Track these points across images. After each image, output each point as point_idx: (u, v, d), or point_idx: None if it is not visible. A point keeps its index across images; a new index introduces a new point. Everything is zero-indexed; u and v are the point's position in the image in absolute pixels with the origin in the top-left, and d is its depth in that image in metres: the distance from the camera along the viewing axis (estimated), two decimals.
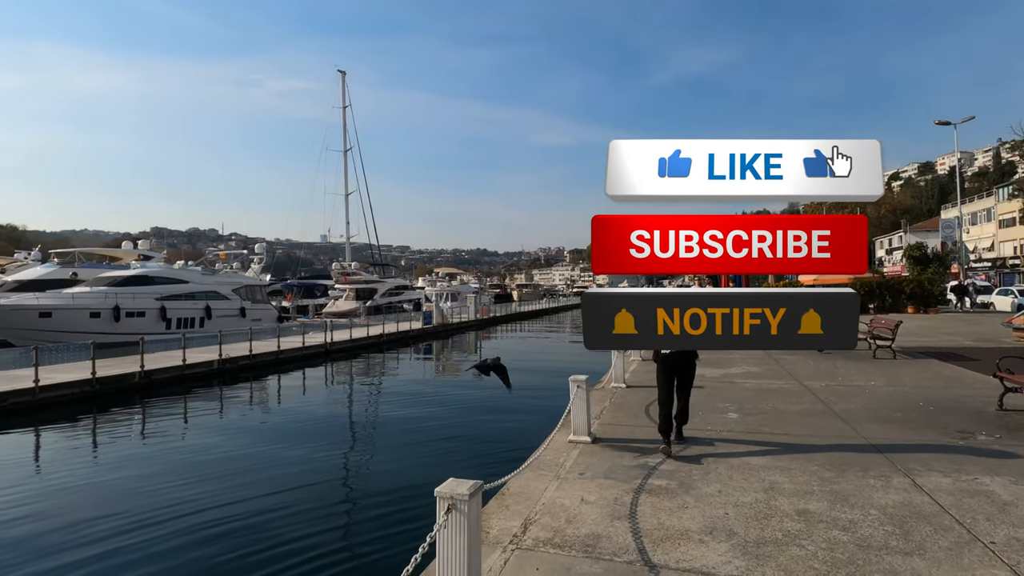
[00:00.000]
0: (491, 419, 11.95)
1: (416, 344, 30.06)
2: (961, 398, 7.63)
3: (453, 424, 11.46)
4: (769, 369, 10.44)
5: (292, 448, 9.86)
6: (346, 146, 59.58)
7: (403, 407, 13.98)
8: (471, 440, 10.13)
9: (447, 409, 13.17)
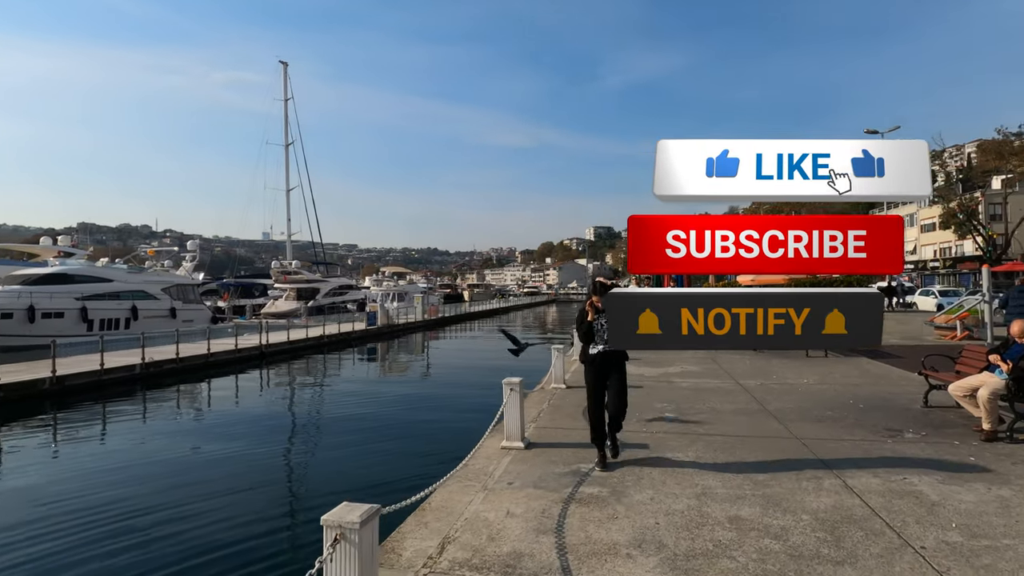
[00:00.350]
0: (428, 423, 11.51)
1: (359, 346, 29.18)
2: (889, 395, 7.79)
3: (387, 430, 10.95)
4: (707, 368, 10.48)
5: (207, 459, 9.14)
6: (288, 140, 57.44)
7: (336, 412, 13.33)
8: (403, 447, 9.65)
9: (383, 414, 12.63)
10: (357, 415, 12.64)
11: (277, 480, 8.27)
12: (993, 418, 5.44)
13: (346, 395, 15.49)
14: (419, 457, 8.81)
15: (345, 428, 11.41)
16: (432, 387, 16.91)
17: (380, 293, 47.15)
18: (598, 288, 4.78)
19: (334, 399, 15.09)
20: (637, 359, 11.78)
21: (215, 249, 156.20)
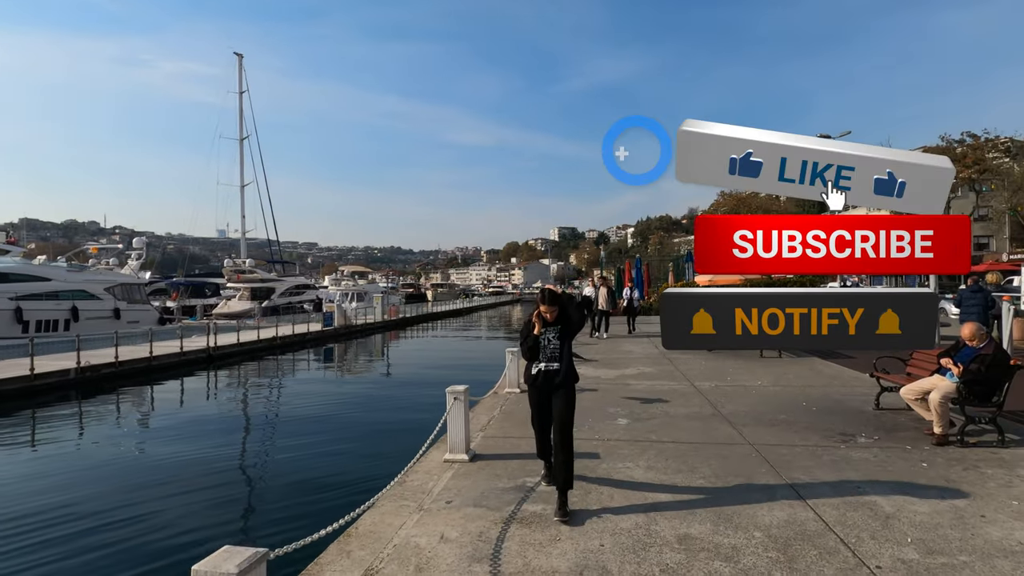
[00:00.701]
0: (378, 429, 11.02)
1: (315, 348, 28.29)
2: (841, 397, 7.76)
3: (331, 437, 10.41)
4: (663, 370, 10.35)
5: (123, 467, 8.47)
6: (243, 134, 55.54)
7: (278, 419, 12.72)
8: (346, 457, 9.13)
9: (330, 419, 12.05)
10: (301, 421, 12.07)
11: (193, 494, 7.61)
12: (944, 422, 5.38)
13: (292, 400, 14.84)
14: (362, 468, 8.34)
15: (285, 436, 10.84)
16: (386, 391, 16.38)
17: (338, 293, 46.01)
18: (547, 296, 4.17)
19: (278, 405, 14.42)
20: (595, 361, 11.59)
21: (167, 247, 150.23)
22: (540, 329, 4.19)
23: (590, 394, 8.11)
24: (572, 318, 4.19)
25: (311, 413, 12.83)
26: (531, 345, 4.22)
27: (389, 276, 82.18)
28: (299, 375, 20.41)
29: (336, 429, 11.15)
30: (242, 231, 55.34)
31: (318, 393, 15.58)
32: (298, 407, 13.85)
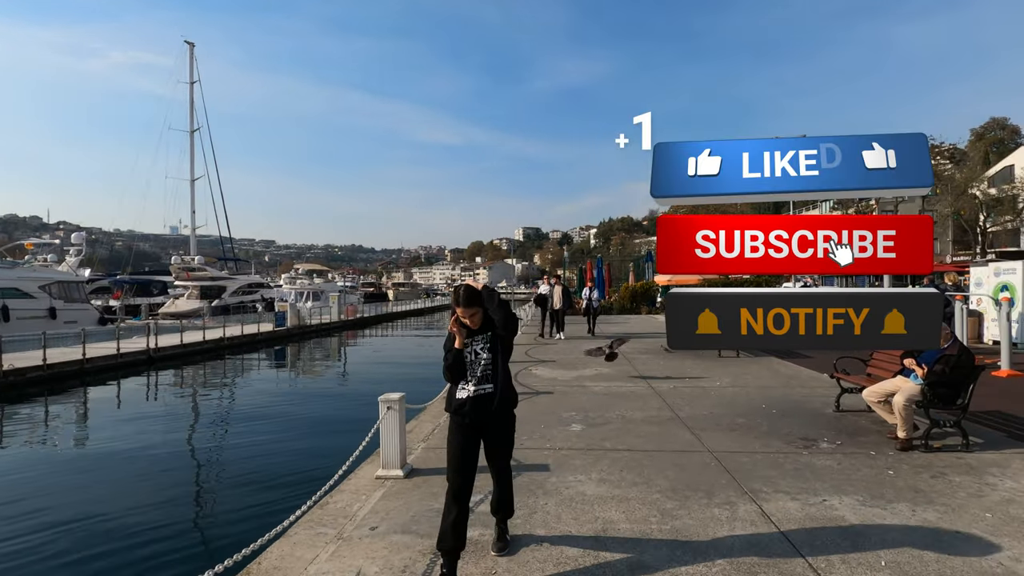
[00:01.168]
0: (315, 439, 10.27)
1: (266, 349, 27.14)
2: (801, 398, 7.54)
3: (264, 449, 9.61)
4: (621, 370, 10.00)
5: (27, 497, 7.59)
6: (193, 126, 53.35)
7: (211, 426, 11.87)
8: (276, 470, 8.32)
9: (267, 426, 11.22)
10: (236, 428, 11.26)
11: (90, 523, 6.80)
12: (908, 426, 5.13)
13: (232, 405, 13.96)
14: (290, 485, 7.63)
15: (214, 447, 10.04)
16: (336, 394, 15.60)
17: (293, 292, 44.58)
18: (463, 296, 3.11)
19: (215, 410, 13.51)
20: (552, 361, 11.17)
21: (115, 243, 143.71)
22: (463, 341, 3.21)
23: (545, 397, 7.67)
24: (504, 321, 3.19)
25: (249, 419, 12.02)
26: (452, 362, 3.21)
27: (345, 275, 79.90)
28: (245, 378, 19.37)
29: (271, 438, 10.39)
30: (192, 227, 53.17)
31: (261, 397, 14.70)
32: (236, 413, 12.99)
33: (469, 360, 3.24)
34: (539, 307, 17.63)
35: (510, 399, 3.37)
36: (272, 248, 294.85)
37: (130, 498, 7.30)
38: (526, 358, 11.65)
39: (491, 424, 3.26)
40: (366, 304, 54.54)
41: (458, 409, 3.22)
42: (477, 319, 3.18)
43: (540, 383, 8.76)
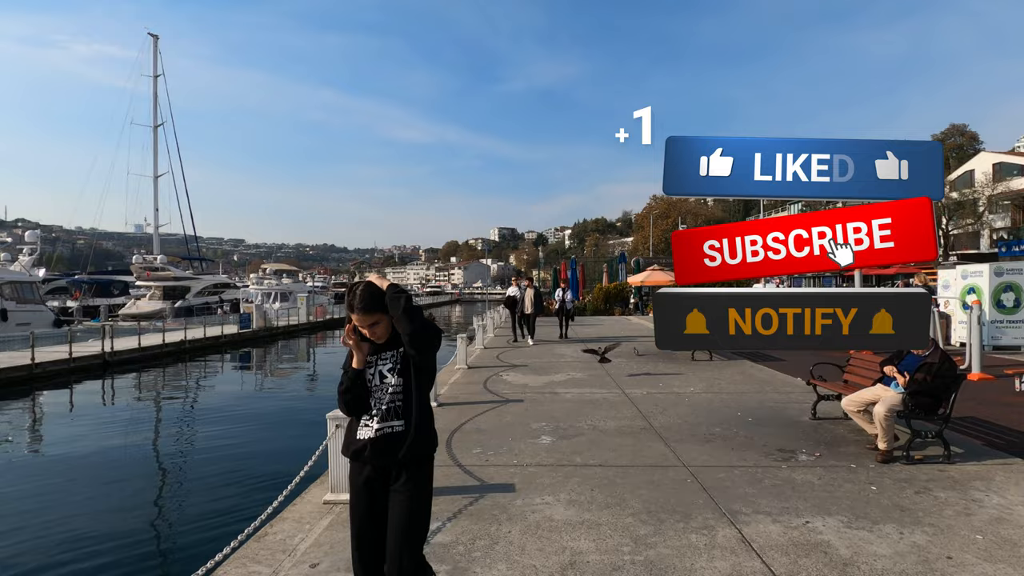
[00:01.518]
0: (270, 453, 9.70)
1: (231, 351, 26.27)
2: (776, 405, 7.34)
3: (213, 459, 9.03)
4: (594, 375, 9.72)
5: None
6: (157, 120, 51.61)
7: (164, 434, 11.21)
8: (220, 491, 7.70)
9: (215, 441, 10.54)
10: (191, 434, 10.66)
11: (29, 534, 6.19)
12: (889, 437, 4.93)
13: (188, 410, 13.29)
14: (245, 493, 7.12)
15: (168, 454, 9.44)
16: (298, 398, 15.00)
17: (260, 292, 43.38)
18: (361, 299, 2.26)
19: (170, 416, 12.82)
20: (524, 366, 10.84)
21: (77, 242, 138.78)
22: (362, 359, 2.34)
23: (515, 406, 7.31)
24: (414, 335, 2.20)
25: (204, 423, 11.40)
26: (347, 387, 2.33)
27: (312, 275, 78.10)
28: (205, 382, 18.58)
29: (226, 443, 9.82)
30: (155, 225, 51.37)
31: (220, 401, 14.05)
32: (192, 418, 12.33)
33: (372, 385, 2.35)
34: (508, 310, 16.51)
35: (426, 442, 2.36)
36: (241, 247, 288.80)
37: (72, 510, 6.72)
38: (497, 363, 11.29)
39: (398, 481, 2.31)
40: (337, 305, 53.50)
41: (357, 455, 2.33)
42: (381, 330, 2.30)
43: (511, 390, 8.41)
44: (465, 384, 8.92)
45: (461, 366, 10.43)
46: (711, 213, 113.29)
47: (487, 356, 12.40)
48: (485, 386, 8.68)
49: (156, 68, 51.63)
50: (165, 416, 13.00)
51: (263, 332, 31.21)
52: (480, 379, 9.35)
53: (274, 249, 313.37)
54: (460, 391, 8.36)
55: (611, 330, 19.21)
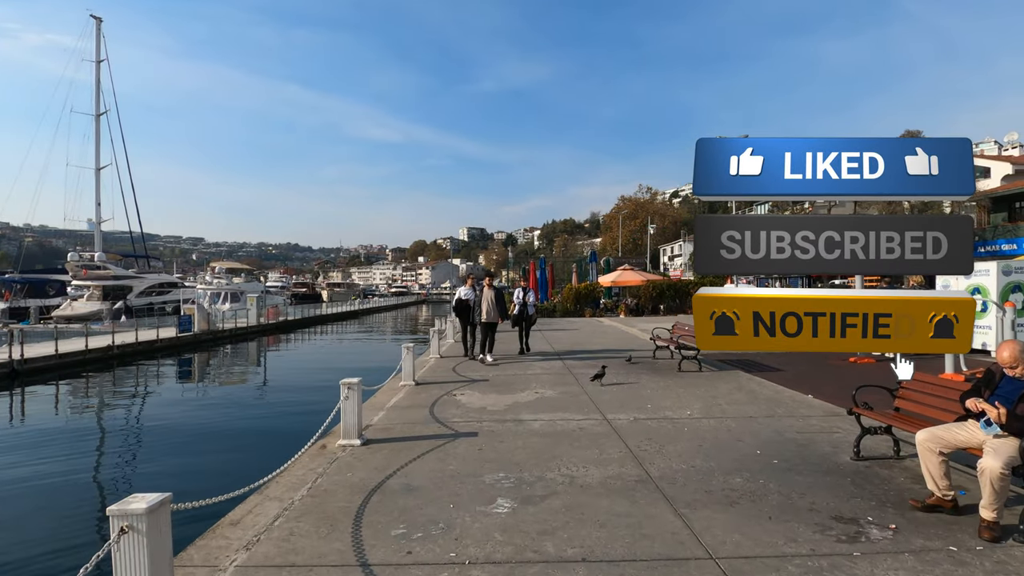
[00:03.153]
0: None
1: (171, 357, 23.84)
2: (800, 437, 5.76)
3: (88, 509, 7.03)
4: (567, 392, 8.05)
5: None
6: (99, 109, 48.09)
7: (61, 455, 9.07)
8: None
9: (111, 473, 8.58)
10: (89, 455, 8.55)
11: None
12: (1001, 503, 3.39)
13: (99, 427, 11.08)
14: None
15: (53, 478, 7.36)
16: (227, 421, 12.90)
17: (208, 293, 40.55)
18: None
19: (73, 435, 10.61)
20: (484, 381, 9.11)
21: (25, 239, 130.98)
22: None
23: (465, 443, 5.57)
24: None
25: (107, 445, 9.31)
26: None
27: (266, 273, 74.69)
28: (126, 397, 16.22)
29: (117, 468, 7.81)
30: (96, 220, 47.85)
31: (136, 417, 11.88)
32: (100, 434, 10.19)
33: None
34: (460, 318, 12.58)
35: None
36: (200, 246, 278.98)
37: None
38: (453, 377, 9.52)
39: None
40: (296, 306, 50.68)
41: None
42: None
43: (464, 416, 6.67)
44: (407, 409, 7.13)
45: (407, 383, 8.62)
46: (678, 214, 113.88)
47: (442, 368, 10.61)
48: (432, 411, 6.91)
49: (99, 53, 48.15)
50: (70, 433, 10.80)
51: (206, 336, 28.67)
52: (428, 400, 7.59)
53: (235, 248, 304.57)
54: (398, 420, 6.58)
55: (587, 338, 17.62)
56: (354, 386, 5.46)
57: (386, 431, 6.03)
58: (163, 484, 6.07)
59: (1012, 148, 52.35)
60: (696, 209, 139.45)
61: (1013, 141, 53.10)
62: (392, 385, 8.55)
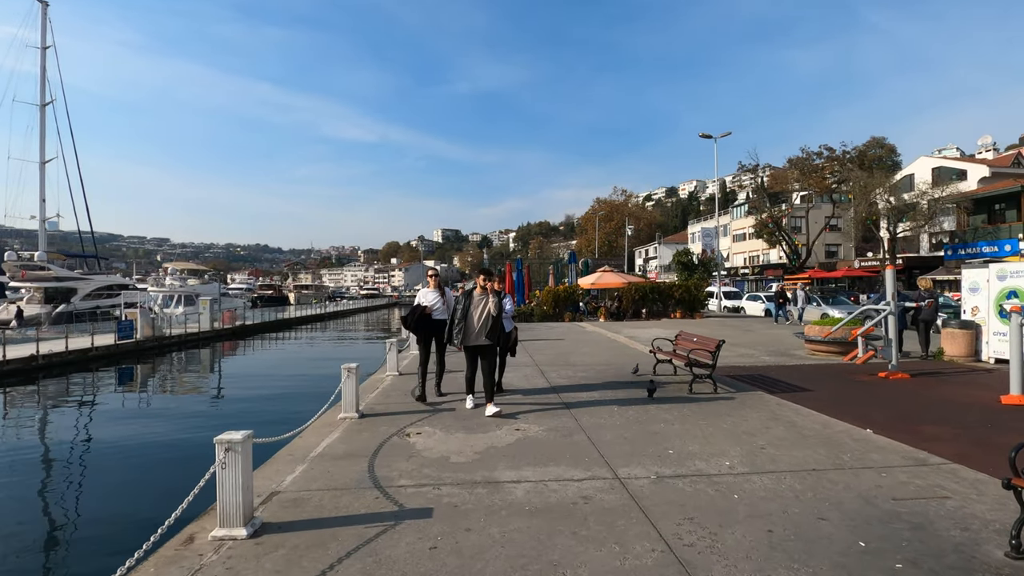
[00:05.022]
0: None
1: (102, 369, 21.26)
2: (902, 509, 3.93)
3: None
4: (559, 427, 6.17)
5: None
6: (45, 98, 44.62)
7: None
8: None
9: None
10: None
11: None
12: None
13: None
14: None
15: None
16: (147, 440, 10.66)
17: (161, 295, 37.64)
18: None
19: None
20: (450, 410, 7.14)
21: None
22: None
23: (412, 534, 3.62)
24: None
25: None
26: None
27: (226, 277, 70.97)
28: (40, 414, 13.77)
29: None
30: (40, 217, 44.25)
31: (56, 443, 9.60)
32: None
33: None
34: (416, 335, 8.09)
35: None
36: (166, 247, 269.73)
37: None
38: (409, 405, 7.53)
39: None
40: (261, 308, 47.75)
41: None
42: None
43: (415, 475, 4.72)
44: (339, 460, 5.15)
45: (348, 415, 6.63)
46: (652, 217, 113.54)
47: (397, 392, 8.58)
48: (372, 467, 4.93)
49: (45, 39, 44.68)
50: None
51: (150, 342, 26.06)
52: (371, 444, 5.62)
53: (202, 249, 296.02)
54: (321, 482, 4.60)
55: (572, 347, 15.76)
56: (237, 447, 3.47)
57: (296, 506, 4.05)
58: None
59: (986, 151, 52.54)
60: (669, 212, 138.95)
61: (987, 144, 53.33)
62: (328, 419, 6.54)
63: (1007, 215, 35.93)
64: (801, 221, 52.70)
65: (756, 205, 53.42)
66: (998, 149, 53.46)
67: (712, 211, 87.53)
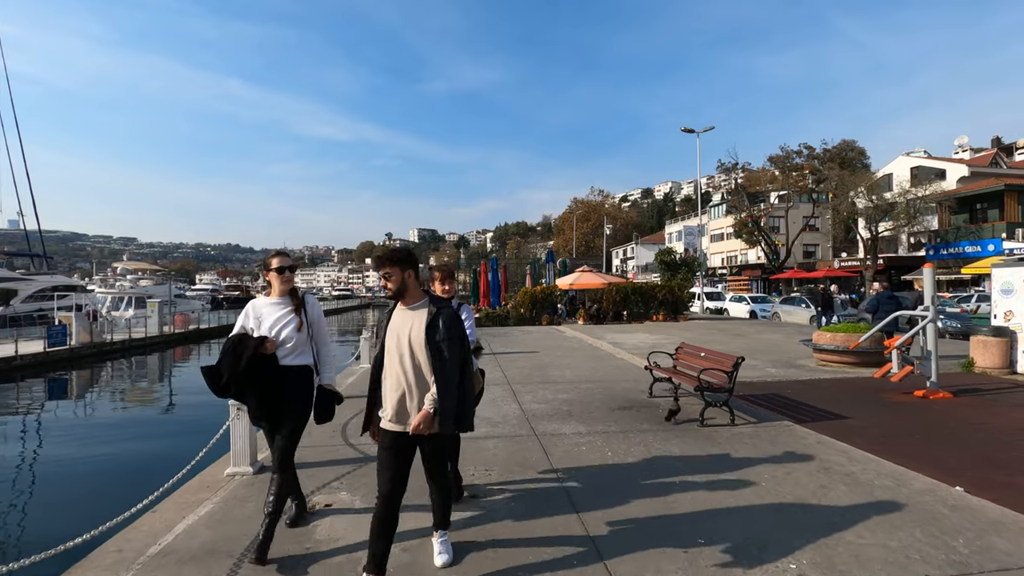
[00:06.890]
0: None
1: (28, 380, 18.82)
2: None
3: None
4: (539, 496, 4.40)
5: None
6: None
7: None
8: None
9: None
10: None
11: None
12: None
13: None
14: None
15: None
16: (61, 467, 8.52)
17: (109, 297, 34.91)
18: None
19: None
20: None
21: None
22: None
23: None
24: None
25: None
26: None
27: (172, 273, 66.89)
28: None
29: None
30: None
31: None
32: None
33: None
34: (241, 403, 4.23)
35: None
36: (132, 246, 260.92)
37: None
38: (330, 452, 5.68)
39: None
40: (226, 311, 44.94)
41: None
42: None
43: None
44: (197, 562, 3.29)
45: (239, 469, 4.74)
46: (629, 217, 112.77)
47: (317, 428, 6.73)
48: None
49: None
50: None
51: (87, 349, 23.54)
52: (250, 528, 3.75)
53: (171, 248, 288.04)
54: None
55: (551, 359, 14.00)
56: None
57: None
58: None
59: (963, 151, 52.46)
60: (645, 213, 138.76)
61: (964, 144, 53.29)
62: (210, 476, 4.65)
63: (989, 214, 35.40)
64: (780, 221, 51.97)
65: (735, 204, 52.54)
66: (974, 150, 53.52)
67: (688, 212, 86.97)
